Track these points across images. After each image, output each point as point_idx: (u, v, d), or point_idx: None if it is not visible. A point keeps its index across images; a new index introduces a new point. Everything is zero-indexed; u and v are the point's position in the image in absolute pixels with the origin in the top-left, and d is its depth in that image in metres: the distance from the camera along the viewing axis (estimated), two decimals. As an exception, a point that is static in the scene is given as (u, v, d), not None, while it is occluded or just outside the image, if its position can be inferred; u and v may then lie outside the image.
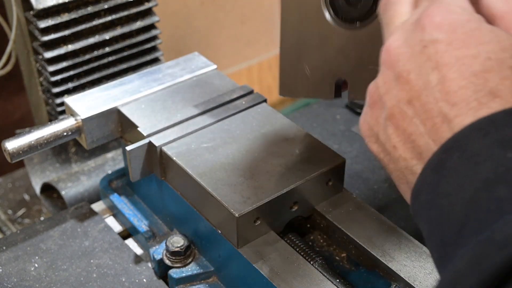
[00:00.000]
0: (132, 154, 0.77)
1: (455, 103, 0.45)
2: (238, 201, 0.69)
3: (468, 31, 0.48)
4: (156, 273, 0.79)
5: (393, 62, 0.50)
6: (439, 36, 0.48)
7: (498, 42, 0.47)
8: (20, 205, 1.02)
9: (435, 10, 0.49)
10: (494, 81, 0.45)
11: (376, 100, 0.51)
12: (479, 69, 0.46)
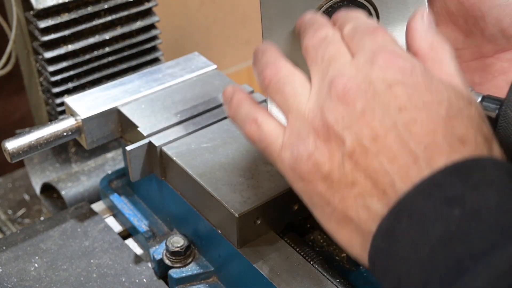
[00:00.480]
0: (132, 154, 0.77)
1: (427, 145, 0.45)
2: (238, 201, 0.69)
3: (427, 78, 0.48)
4: (156, 273, 0.79)
5: (353, 98, 0.48)
6: (403, 79, 0.48)
7: (454, 91, 0.48)
8: (20, 205, 1.02)
9: (393, 54, 0.49)
10: (460, 128, 0.46)
11: (329, 136, 0.49)
12: (445, 115, 0.46)
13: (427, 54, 0.52)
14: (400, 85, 0.48)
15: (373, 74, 0.49)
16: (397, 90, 0.47)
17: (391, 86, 0.48)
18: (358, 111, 0.48)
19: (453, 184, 0.44)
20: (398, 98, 0.47)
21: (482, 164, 0.45)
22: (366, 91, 0.48)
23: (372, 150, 0.47)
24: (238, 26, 1.67)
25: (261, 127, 0.54)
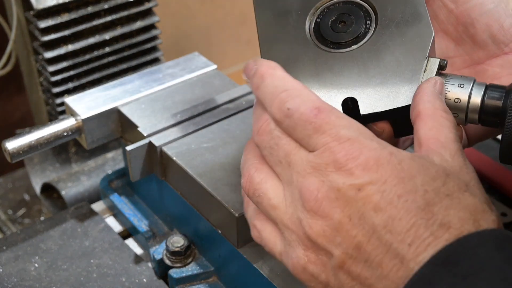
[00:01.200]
0: (132, 154, 0.77)
1: (411, 242, 0.45)
2: (238, 201, 0.69)
3: (396, 165, 0.47)
4: (156, 273, 0.79)
5: (327, 210, 0.48)
6: (370, 177, 0.47)
7: (426, 172, 0.47)
8: (20, 205, 1.02)
9: (354, 150, 0.48)
10: (440, 213, 0.45)
11: (317, 249, 0.49)
12: (422, 203, 0.46)
13: (429, 116, 0.52)
14: (369, 185, 0.46)
15: (339, 181, 0.47)
16: (368, 191, 0.46)
17: (360, 189, 0.47)
18: (336, 222, 0.47)
19: (442, 278, 0.43)
20: (371, 200, 0.46)
21: (470, 247, 0.44)
22: (337, 200, 0.47)
23: (359, 258, 0.47)
24: (238, 26, 1.67)
25: (260, 234, 0.54)
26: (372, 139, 0.49)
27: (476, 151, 0.94)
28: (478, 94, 0.59)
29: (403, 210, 0.46)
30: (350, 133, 0.49)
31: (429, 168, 0.48)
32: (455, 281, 0.43)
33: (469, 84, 0.60)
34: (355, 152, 0.48)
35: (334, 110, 0.50)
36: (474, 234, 0.45)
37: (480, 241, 0.45)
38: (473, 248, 0.44)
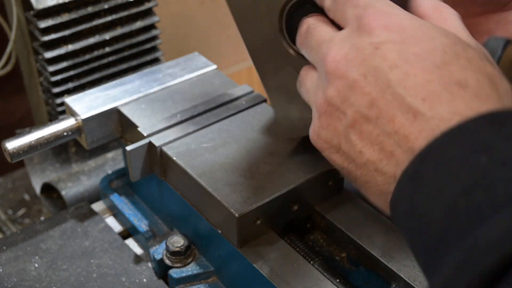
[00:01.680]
0: (132, 154, 0.77)
1: (425, 97, 0.45)
2: (238, 201, 0.69)
3: (417, 28, 0.48)
4: (156, 273, 0.79)
5: (344, 70, 0.49)
6: (390, 36, 0.47)
7: (446, 36, 0.47)
8: (20, 205, 1.02)
9: (377, 14, 0.49)
10: (458, 73, 0.45)
11: (331, 112, 0.50)
12: (440, 62, 0.46)
13: (431, 15, 0.52)
14: (387, 44, 0.47)
15: (359, 41, 0.48)
16: (385, 49, 0.47)
17: (378, 47, 0.47)
18: (351, 80, 0.48)
19: (485, 132, 0.42)
20: (387, 57, 0.47)
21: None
22: (354, 59, 0.48)
23: (371, 116, 0.47)
24: (238, 26, 1.66)
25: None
26: (398, 8, 0.50)
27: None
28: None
29: (420, 67, 0.45)
30: (380, 4, 0.50)
31: (449, 34, 0.48)
32: (496, 139, 0.42)
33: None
34: (378, 17, 0.48)
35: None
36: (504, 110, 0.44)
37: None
38: (504, 119, 0.43)
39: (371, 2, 0.50)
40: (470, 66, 0.46)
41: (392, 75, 0.46)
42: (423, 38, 0.47)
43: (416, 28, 0.48)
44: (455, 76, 0.45)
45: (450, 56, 0.46)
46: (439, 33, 0.48)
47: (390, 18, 0.48)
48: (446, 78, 0.45)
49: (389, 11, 0.49)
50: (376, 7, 0.49)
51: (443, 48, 0.46)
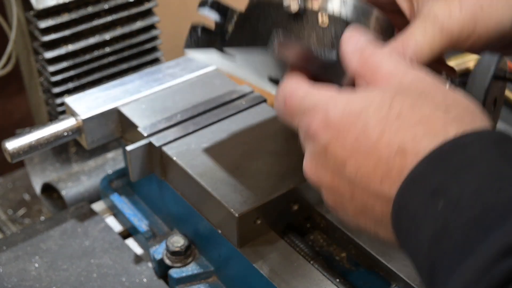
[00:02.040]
0: (132, 154, 0.77)
1: (381, 178, 0.48)
2: (238, 201, 0.69)
3: (346, 113, 0.51)
4: (156, 273, 0.79)
5: (317, 180, 0.54)
6: (329, 134, 0.51)
7: (370, 104, 0.50)
8: (20, 205, 1.02)
9: (315, 116, 0.52)
10: (394, 139, 0.48)
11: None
12: (375, 138, 0.49)
13: (361, 73, 0.54)
14: (330, 143, 0.51)
15: (314, 149, 0.53)
16: (332, 149, 0.51)
17: (327, 148, 0.51)
18: (327, 186, 0.53)
19: (435, 173, 0.45)
20: (337, 155, 0.51)
21: (463, 144, 0.45)
22: (319, 167, 0.53)
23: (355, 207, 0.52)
24: (238, 26, 1.66)
25: None
26: (319, 96, 0.53)
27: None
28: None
29: (364, 152, 0.49)
30: (315, 104, 0.53)
31: (373, 99, 0.50)
32: (445, 177, 0.44)
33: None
34: (317, 118, 0.52)
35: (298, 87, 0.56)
36: (468, 134, 0.46)
37: (474, 138, 0.46)
38: (465, 146, 0.45)
39: (301, 106, 0.54)
40: (402, 125, 0.48)
41: (348, 171, 0.50)
42: (352, 121, 0.50)
43: (345, 113, 0.51)
44: (393, 143, 0.48)
45: (381, 125, 0.49)
46: (363, 104, 0.50)
47: (326, 115, 0.51)
48: (386, 153, 0.48)
49: (317, 108, 0.52)
50: (308, 110, 0.53)
51: (372, 121, 0.49)
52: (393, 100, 0.49)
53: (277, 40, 0.56)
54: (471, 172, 0.44)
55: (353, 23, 0.59)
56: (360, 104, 0.50)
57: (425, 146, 0.46)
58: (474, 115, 0.49)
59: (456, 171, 0.44)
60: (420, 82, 0.51)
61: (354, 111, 0.50)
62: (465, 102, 0.50)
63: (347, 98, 0.51)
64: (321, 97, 0.53)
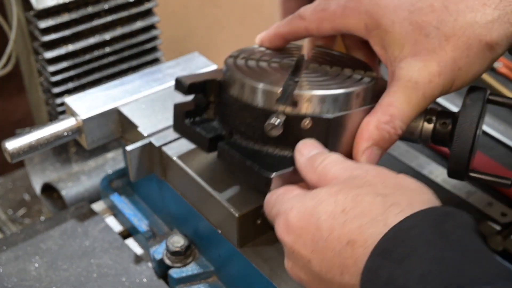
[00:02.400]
0: (132, 154, 0.77)
1: (341, 271, 0.53)
2: (238, 201, 0.69)
3: (302, 215, 0.56)
4: (156, 273, 0.79)
5: (296, 277, 0.59)
6: (291, 237, 0.57)
7: (319, 203, 0.55)
8: (20, 205, 1.02)
9: (281, 222, 0.58)
10: (343, 234, 0.53)
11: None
12: (326, 234, 0.54)
13: (315, 182, 0.59)
14: (294, 245, 0.56)
15: (285, 249, 0.58)
16: (297, 250, 0.56)
17: (293, 250, 0.57)
18: (303, 280, 0.58)
19: (384, 265, 0.49)
20: (301, 255, 0.56)
21: (403, 230, 0.50)
22: (294, 267, 0.59)
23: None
24: (238, 26, 1.67)
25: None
26: (285, 200, 0.59)
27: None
28: (431, 115, 0.67)
29: (322, 248, 0.54)
30: (274, 209, 0.60)
31: (321, 200, 0.56)
32: (392, 267, 0.48)
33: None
34: (281, 223, 0.58)
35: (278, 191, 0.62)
36: (407, 218, 0.50)
37: (414, 222, 0.50)
38: (406, 231, 0.49)
39: (273, 209, 0.60)
40: (347, 218, 0.53)
41: (314, 268, 0.55)
42: (306, 223, 0.55)
43: (300, 215, 0.56)
44: (342, 237, 0.53)
45: (329, 221, 0.54)
46: (314, 204, 0.55)
47: (286, 219, 0.57)
48: (338, 245, 0.53)
49: (280, 212, 0.58)
50: (276, 214, 0.59)
51: (322, 218, 0.54)
52: (337, 196, 0.55)
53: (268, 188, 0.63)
54: (414, 259, 0.48)
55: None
56: (311, 204, 0.56)
57: (370, 234, 0.51)
58: (412, 197, 0.53)
59: (401, 260, 0.48)
60: (362, 175, 0.56)
61: (307, 212, 0.56)
62: (405, 185, 0.55)
63: (302, 200, 0.57)
64: (284, 202, 0.59)
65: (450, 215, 0.51)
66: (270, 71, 0.69)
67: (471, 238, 0.50)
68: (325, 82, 0.67)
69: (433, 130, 0.67)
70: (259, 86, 0.65)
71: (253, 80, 0.65)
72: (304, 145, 0.63)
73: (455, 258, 0.47)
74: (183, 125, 0.70)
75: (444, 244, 0.48)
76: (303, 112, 0.64)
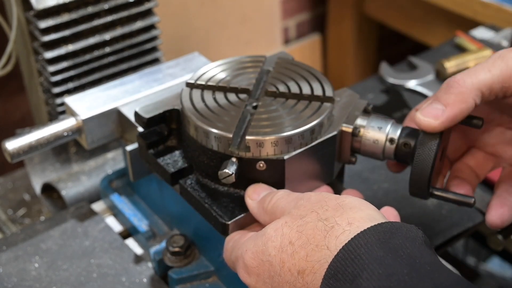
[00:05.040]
0: (132, 154, 0.77)
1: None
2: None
3: (256, 256, 0.60)
4: (156, 273, 0.79)
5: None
6: (251, 279, 0.60)
7: (268, 241, 0.59)
8: (20, 205, 1.02)
9: (239, 266, 0.62)
10: (294, 264, 0.56)
11: None
12: (278, 270, 0.57)
13: (267, 221, 0.63)
14: (256, 284, 0.60)
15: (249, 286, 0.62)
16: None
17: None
18: None
19: (345, 269, 0.51)
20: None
21: (352, 250, 0.51)
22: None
23: None
24: (238, 26, 1.67)
25: None
26: (240, 244, 0.63)
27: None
28: (394, 134, 0.69)
29: (278, 285, 0.57)
30: (233, 254, 0.64)
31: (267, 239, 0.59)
32: (345, 287, 0.50)
33: (387, 126, 0.69)
34: (240, 267, 0.62)
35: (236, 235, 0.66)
36: (355, 238, 0.52)
37: (361, 241, 0.52)
38: (355, 251, 0.51)
39: (234, 256, 0.63)
40: (294, 249, 0.56)
41: None
42: (260, 261, 0.59)
43: (253, 258, 0.60)
44: (292, 268, 0.56)
45: (279, 255, 0.57)
46: (263, 242, 0.59)
47: (244, 262, 0.61)
48: (291, 277, 0.56)
49: (238, 256, 0.62)
50: (235, 259, 0.63)
51: (272, 254, 0.57)
52: (283, 230, 0.58)
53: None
54: (364, 277, 0.49)
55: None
56: (261, 242, 0.59)
57: (316, 260, 0.54)
58: (350, 216, 0.56)
59: (352, 279, 0.50)
60: (305, 204, 0.59)
61: (259, 251, 0.59)
62: (344, 205, 0.57)
63: (254, 241, 0.60)
64: (240, 247, 0.62)
65: (397, 230, 0.53)
66: (225, 107, 0.70)
67: (421, 251, 0.51)
68: (279, 120, 0.67)
69: (395, 151, 0.69)
70: (212, 131, 0.66)
71: (205, 124, 0.67)
72: (254, 190, 0.66)
73: (405, 273, 0.49)
74: (147, 155, 0.72)
75: (393, 260, 0.50)
76: (256, 156, 0.65)
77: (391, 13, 1.86)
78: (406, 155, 0.69)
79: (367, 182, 0.94)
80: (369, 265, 0.50)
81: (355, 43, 2.02)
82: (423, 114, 0.64)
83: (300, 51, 2.01)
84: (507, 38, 1.24)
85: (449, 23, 1.65)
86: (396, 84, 1.13)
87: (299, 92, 0.71)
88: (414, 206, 0.89)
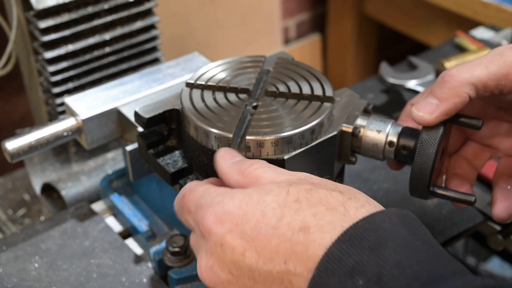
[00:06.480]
0: (132, 154, 0.77)
1: (285, 259, 0.50)
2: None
3: (240, 205, 0.53)
4: (156, 273, 0.79)
5: (213, 279, 0.54)
6: (224, 227, 0.52)
7: (267, 192, 0.53)
8: (20, 205, 1.02)
9: (205, 213, 0.54)
10: (294, 220, 0.50)
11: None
12: (275, 221, 0.51)
13: (243, 184, 0.57)
14: (226, 235, 0.52)
15: (207, 245, 0.54)
16: (228, 241, 0.52)
17: (222, 242, 0.52)
18: (225, 282, 0.53)
19: (350, 253, 0.47)
20: (234, 247, 0.52)
21: (375, 222, 0.48)
22: (214, 264, 0.54)
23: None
24: (238, 26, 1.67)
25: None
26: (216, 192, 0.55)
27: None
28: (394, 137, 0.69)
29: (263, 238, 0.51)
30: (205, 201, 0.55)
31: (270, 189, 0.53)
32: (362, 255, 0.47)
33: (386, 127, 0.69)
34: (208, 214, 0.54)
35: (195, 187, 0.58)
36: (377, 213, 0.49)
37: (384, 217, 0.49)
38: (379, 224, 0.49)
39: (198, 201, 0.56)
40: (301, 206, 0.51)
41: (248, 260, 0.51)
42: (250, 210, 0.52)
43: (239, 205, 0.53)
44: (294, 222, 0.50)
45: (280, 208, 0.51)
46: (260, 194, 0.53)
47: (222, 208, 0.53)
48: (289, 231, 0.50)
49: (213, 203, 0.54)
50: (203, 205, 0.55)
51: (270, 206, 0.52)
52: (289, 189, 0.52)
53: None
54: (388, 248, 0.47)
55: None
56: (257, 193, 0.53)
57: (328, 221, 0.49)
58: (367, 197, 0.53)
59: (373, 247, 0.47)
60: (307, 178, 0.55)
61: (252, 200, 0.52)
62: (354, 189, 0.54)
63: (244, 191, 0.54)
64: (218, 193, 0.55)
65: (412, 216, 0.51)
66: (225, 107, 0.69)
67: (433, 238, 0.51)
68: (279, 120, 0.67)
69: (395, 153, 0.69)
70: (212, 131, 0.66)
71: (205, 125, 0.66)
72: (227, 151, 0.62)
73: (428, 251, 0.48)
74: (147, 155, 0.71)
75: (416, 239, 0.48)
76: (256, 156, 0.65)
77: (391, 13, 1.87)
78: (405, 157, 0.69)
79: (367, 182, 0.94)
80: (394, 239, 0.47)
81: (355, 43, 2.02)
82: (418, 109, 0.64)
83: (300, 51, 2.01)
84: (507, 38, 1.24)
85: (449, 23, 1.65)
86: (396, 84, 1.13)
87: (299, 92, 0.71)
88: (414, 206, 0.89)
